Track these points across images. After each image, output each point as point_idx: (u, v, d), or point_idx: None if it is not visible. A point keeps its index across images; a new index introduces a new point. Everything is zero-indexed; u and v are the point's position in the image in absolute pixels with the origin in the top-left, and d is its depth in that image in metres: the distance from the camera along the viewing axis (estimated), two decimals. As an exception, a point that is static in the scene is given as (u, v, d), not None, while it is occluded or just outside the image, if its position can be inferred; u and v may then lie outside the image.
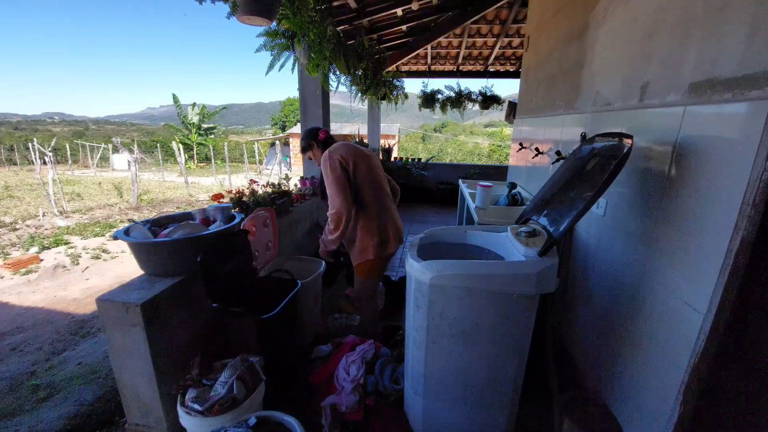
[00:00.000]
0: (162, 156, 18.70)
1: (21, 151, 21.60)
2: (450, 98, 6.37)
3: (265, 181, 2.72)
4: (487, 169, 6.62)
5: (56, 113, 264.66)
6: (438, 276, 1.22)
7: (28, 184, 12.07)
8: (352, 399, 1.60)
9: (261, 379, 1.44)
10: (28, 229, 6.63)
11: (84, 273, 4.72)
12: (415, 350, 1.39)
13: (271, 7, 1.85)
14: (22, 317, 3.48)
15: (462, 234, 1.62)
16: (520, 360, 1.33)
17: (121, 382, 1.42)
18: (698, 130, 1.02)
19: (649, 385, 1.16)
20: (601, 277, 1.52)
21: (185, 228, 1.55)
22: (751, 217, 0.81)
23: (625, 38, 1.46)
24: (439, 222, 5.36)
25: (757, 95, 0.82)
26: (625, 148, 1.15)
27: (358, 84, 3.84)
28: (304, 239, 2.94)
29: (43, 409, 2.00)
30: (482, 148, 25.43)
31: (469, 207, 2.68)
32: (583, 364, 1.64)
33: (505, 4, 4.33)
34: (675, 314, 1.05)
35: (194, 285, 1.52)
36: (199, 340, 1.57)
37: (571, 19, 2.06)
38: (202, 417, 1.27)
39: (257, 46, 2.36)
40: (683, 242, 1.04)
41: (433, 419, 1.45)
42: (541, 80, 2.63)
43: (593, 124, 1.71)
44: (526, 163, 2.91)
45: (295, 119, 34.10)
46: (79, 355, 2.67)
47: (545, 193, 1.56)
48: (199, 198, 10.59)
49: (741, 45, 0.88)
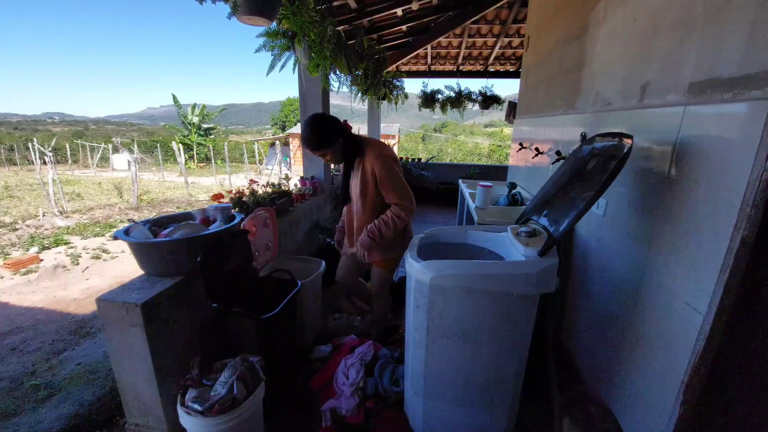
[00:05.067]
0: (162, 156, 18.69)
1: (21, 151, 21.59)
2: (450, 98, 6.37)
3: (265, 181, 2.72)
4: (487, 169, 6.62)
5: (56, 113, 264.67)
6: (438, 276, 1.22)
7: (28, 184, 12.07)
8: (351, 402, 1.60)
9: (261, 379, 1.44)
10: (28, 229, 6.63)
11: (84, 273, 4.72)
12: (415, 350, 1.39)
13: (272, 7, 1.85)
14: (22, 317, 3.48)
15: (462, 234, 1.62)
16: (520, 360, 1.33)
17: (121, 382, 1.42)
18: (698, 130, 1.02)
19: (649, 385, 1.16)
20: (601, 277, 1.51)
21: (185, 228, 1.55)
22: (751, 217, 0.81)
23: (625, 38, 1.46)
24: (439, 222, 5.36)
25: (757, 95, 0.82)
26: (625, 148, 1.15)
27: (359, 84, 3.84)
28: (304, 239, 2.94)
29: (43, 409, 2.00)
30: (482, 148, 25.42)
31: (469, 207, 2.69)
32: (583, 364, 1.64)
33: (505, 4, 4.33)
34: (675, 314, 1.05)
35: (194, 285, 1.52)
36: (199, 340, 1.56)
37: (571, 19, 2.06)
38: (202, 417, 1.27)
39: (257, 46, 2.35)
40: (683, 242, 1.04)
41: (433, 419, 1.45)
42: (541, 80, 2.63)
43: (593, 124, 1.71)
44: (526, 163, 2.91)
45: (295, 119, 34.11)
46: (79, 355, 2.67)
47: (545, 193, 1.56)
48: (199, 198, 10.58)
49: (741, 45, 0.88)
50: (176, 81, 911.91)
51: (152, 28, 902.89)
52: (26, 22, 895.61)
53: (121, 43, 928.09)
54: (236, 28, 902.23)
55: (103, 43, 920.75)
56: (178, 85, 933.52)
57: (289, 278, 1.83)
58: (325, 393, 1.71)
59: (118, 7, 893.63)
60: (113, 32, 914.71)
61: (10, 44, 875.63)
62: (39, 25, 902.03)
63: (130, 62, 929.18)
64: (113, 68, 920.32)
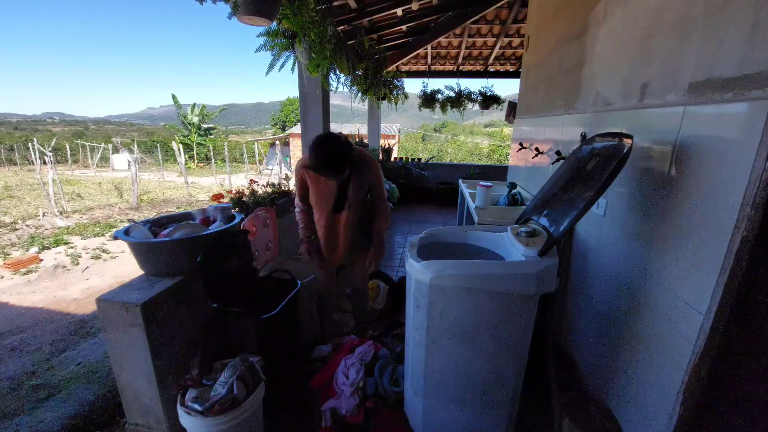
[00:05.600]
0: (162, 156, 18.69)
1: (21, 151, 21.59)
2: (450, 98, 6.37)
3: (265, 181, 2.72)
4: (487, 169, 6.61)
5: (56, 113, 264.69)
6: (438, 276, 1.22)
7: (28, 184, 12.07)
8: (351, 402, 1.60)
9: (261, 379, 1.44)
10: (28, 229, 6.63)
11: (84, 273, 4.72)
12: (415, 350, 1.39)
13: (272, 7, 1.85)
14: (22, 317, 3.48)
15: (462, 234, 1.62)
16: (520, 360, 1.33)
17: (121, 382, 1.42)
18: (698, 130, 1.02)
19: (649, 385, 1.16)
20: (601, 277, 1.51)
21: (185, 228, 1.55)
22: (751, 217, 0.81)
23: (625, 38, 1.46)
24: (439, 222, 5.36)
25: (757, 95, 0.82)
26: (625, 148, 1.15)
27: (359, 84, 3.84)
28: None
29: (43, 409, 2.00)
30: (482, 148, 25.41)
31: (469, 207, 2.68)
32: (583, 364, 1.64)
33: (505, 4, 4.33)
34: (675, 314, 1.05)
35: (194, 285, 1.52)
36: (199, 340, 1.57)
37: (571, 19, 2.06)
38: (202, 417, 1.27)
39: (257, 46, 2.36)
40: (683, 242, 1.04)
41: (433, 419, 1.45)
42: (541, 80, 2.63)
43: (593, 124, 1.71)
44: (526, 163, 2.91)
45: (295, 119, 34.09)
46: (79, 355, 2.67)
47: (545, 193, 1.56)
48: (199, 198, 10.59)
49: (741, 45, 0.88)
50: (176, 81, 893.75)
51: (152, 28, 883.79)
52: (26, 22, 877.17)
53: (121, 43, 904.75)
54: (236, 28, 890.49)
55: (103, 43, 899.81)
56: (178, 85, 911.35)
57: (289, 278, 1.83)
58: (325, 393, 1.71)
59: (118, 7, 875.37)
60: (113, 32, 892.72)
61: (10, 44, 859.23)
62: (39, 25, 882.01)
63: (130, 62, 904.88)
64: (113, 68, 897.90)
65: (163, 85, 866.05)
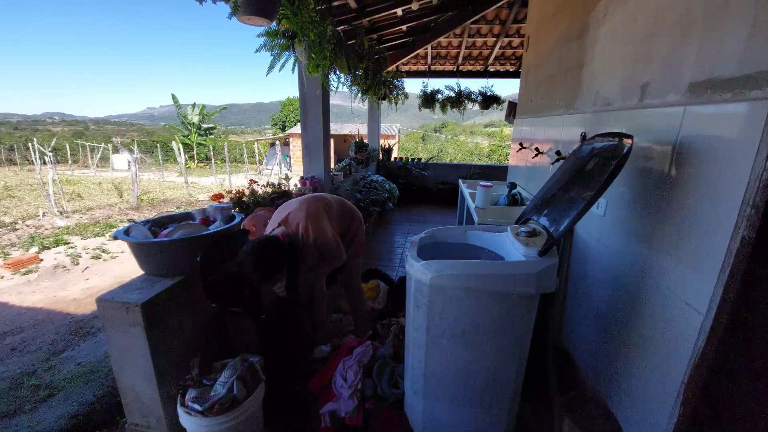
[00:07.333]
0: (162, 156, 18.68)
1: (21, 151, 21.59)
2: (450, 98, 6.36)
3: (265, 181, 2.72)
4: (487, 169, 6.61)
5: (56, 113, 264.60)
6: (438, 276, 1.22)
7: (28, 184, 12.07)
8: (351, 404, 1.59)
9: (261, 379, 1.44)
10: (28, 229, 6.63)
11: (84, 273, 4.72)
12: (415, 350, 1.39)
13: (272, 7, 1.85)
14: (22, 317, 3.48)
15: (462, 234, 1.62)
16: (520, 360, 1.33)
17: (121, 382, 1.42)
18: (698, 130, 1.02)
19: (649, 385, 1.16)
20: (601, 277, 1.51)
21: (185, 228, 1.55)
22: (751, 217, 0.81)
23: (625, 38, 1.46)
24: (439, 222, 5.36)
25: (757, 95, 0.82)
26: (625, 148, 1.15)
27: (359, 84, 3.84)
28: (304, 239, 2.94)
29: (43, 409, 2.00)
30: (482, 148, 25.42)
31: (469, 207, 2.68)
32: (583, 364, 1.63)
33: (505, 4, 4.33)
34: (675, 314, 1.05)
35: (194, 285, 1.52)
36: (199, 340, 1.57)
37: (571, 19, 2.06)
38: (202, 417, 1.27)
39: (257, 46, 2.35)
40: (683, 242, 1.04)
41: (433, 419, 1.45)
42: (541, 80, 2.63)
43: (593, 124, 1.71)
44: (526, 163, 2.91)
45: (295, 119, 34.07)
46: (79, 355, 2.67)
47: (545, 193, 1.56)
48: (199, 198, 10.58)
49: (741, 45, 0.88)
50: (176, 81, 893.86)
51: (152, 28, 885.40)
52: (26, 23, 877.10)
53: (121, 43, 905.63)
54: (236, 28, 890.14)
55: (103, 43, 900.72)
56: (178, 85, 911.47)
57: (289, 278, 1.83)
58: (324, 395, 1.71)
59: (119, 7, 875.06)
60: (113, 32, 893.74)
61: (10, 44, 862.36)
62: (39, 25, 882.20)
63: (130, 62, 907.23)
64: (113, 68, 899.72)
65: (163, 85, 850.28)
